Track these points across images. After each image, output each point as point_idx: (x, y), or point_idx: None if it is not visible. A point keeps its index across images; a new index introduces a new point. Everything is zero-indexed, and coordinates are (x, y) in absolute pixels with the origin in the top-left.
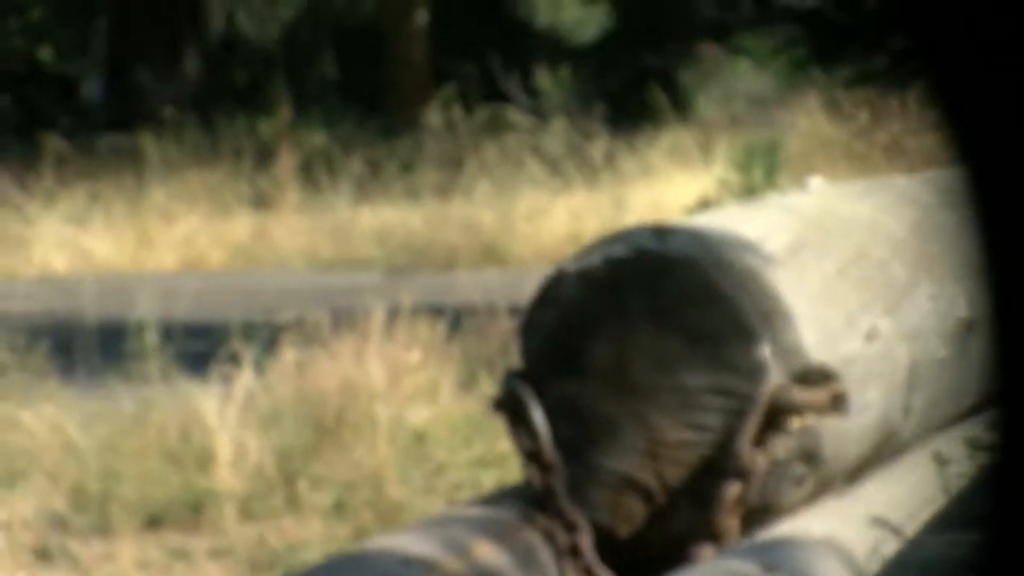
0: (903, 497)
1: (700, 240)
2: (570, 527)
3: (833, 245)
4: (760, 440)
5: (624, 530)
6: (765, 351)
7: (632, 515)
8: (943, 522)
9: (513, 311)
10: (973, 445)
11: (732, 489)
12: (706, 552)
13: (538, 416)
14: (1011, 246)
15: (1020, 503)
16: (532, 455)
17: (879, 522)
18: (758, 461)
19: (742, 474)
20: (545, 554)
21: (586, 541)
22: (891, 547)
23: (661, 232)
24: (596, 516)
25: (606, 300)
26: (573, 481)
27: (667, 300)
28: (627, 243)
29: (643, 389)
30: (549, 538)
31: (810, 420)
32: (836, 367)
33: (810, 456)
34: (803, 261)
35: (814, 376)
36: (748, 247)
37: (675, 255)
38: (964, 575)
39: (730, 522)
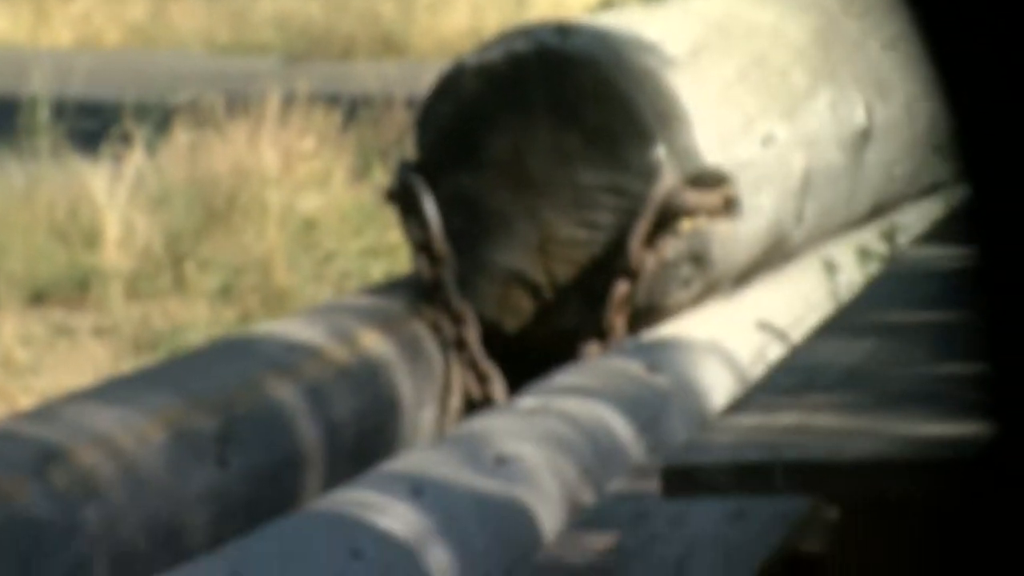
0: (790, 302)
1: (601, 39)
2: (457, 319)
3: (733, 49)
4: (651, 241)
5: (511, 325)
6: (660, 152)
7: (520, 310)
8: (830, 328)
9: (410, 103)
10: (863, 253)
11: (620, 288)
12: (592, 349)
13: (430, 207)
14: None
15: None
16: (422, 246)
17: (765, 326)
18: (647, 261)
19: (631, 273)
20: (431, 345)
21: (472, 334)
22: (776, 351)
23: (563, 30)
24: (484, 310)
25: (505, 95)
26: (462, 274)
27: (567, 97)
28: (529, 39)
29: (538, 184)
30: (435, 330)
31: (701, 222)
32: (730, 171)
33: (699, 258)
34: (702, 64)
35: (707, 179)
36: (649, 48)
37: (576, 53)
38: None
39: (617, 320)
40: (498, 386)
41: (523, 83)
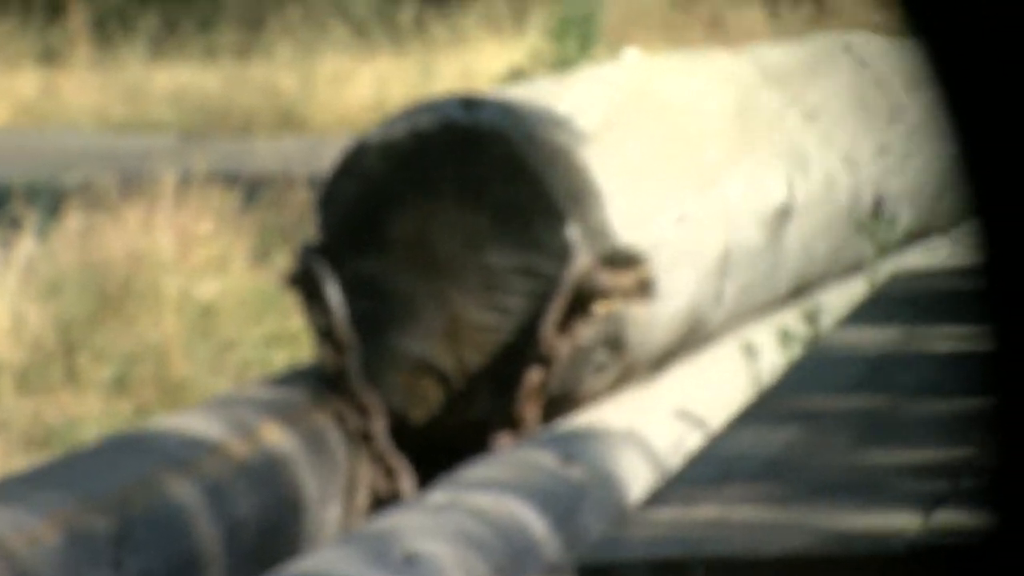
0: (709, 389)
1: (511, 113)
2: (363, 411)
3: (647, 123)
4: (564, 326)
5: (419, 415)
6: (573, 231)
7: (428, 400)
8: (750, 416)
9: (312, 182)
10: (784, 336)
11: (533, 376)
12: (504, 440)
13: (333, 293)
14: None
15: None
16: (326, 333)
17: (683, 414)
18: (561, 347)
19: (544, 360)
20: (335, 438)
21: (379, 426)
22: (695, 441)
23: (470, 103)
24: (390, 399)
25: (410, 173)
26: (368, 362)
27: (474, 175)
28: (434, 114)
29: (446, 267)
30: (340, 421)
31: (616, 305)
32: (645, 250)
33: (614, 342)
34: (615, 138)
35: (621, 259)
36: (560, 122)
37: (484, 128)
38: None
39: (530, 409)
40: (406, 480)
41: (429, 160)
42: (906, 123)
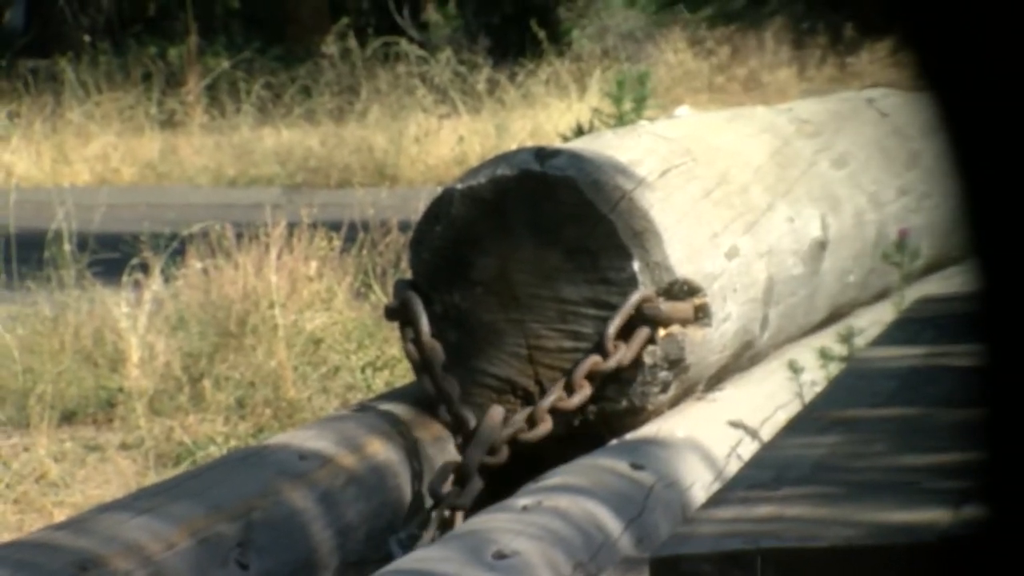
0: (759, 402)
1: (579, 162)
2: (445, 398)
3: (699, 170)
4: (625, 335)
5: (506, 430)
6: (635, 266)
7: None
8: (797, 425)
9: (403, 227)
10: (823, 355)
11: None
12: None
13: (424, 321)
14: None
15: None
16: (413, 341)
17: (737, 425)
18: (620, 348)
19: (603, 353)
20: (432, 450)
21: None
22: (748, 448)
23: (543, 154)
24: (479, 416)
25: (491, 217)
26: (458, 384)
27: (548, 217)
28: (511, 164)
29: (524, 300)
30: (431, 409)
31: (676, 330)
32: (700, 282)
33: (675, 362)
34: (671, 184)
35: (680, 290)
36: (622, 170)
37: (556, 176)
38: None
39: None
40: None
41: (507, 206)
42: (922, 167)
